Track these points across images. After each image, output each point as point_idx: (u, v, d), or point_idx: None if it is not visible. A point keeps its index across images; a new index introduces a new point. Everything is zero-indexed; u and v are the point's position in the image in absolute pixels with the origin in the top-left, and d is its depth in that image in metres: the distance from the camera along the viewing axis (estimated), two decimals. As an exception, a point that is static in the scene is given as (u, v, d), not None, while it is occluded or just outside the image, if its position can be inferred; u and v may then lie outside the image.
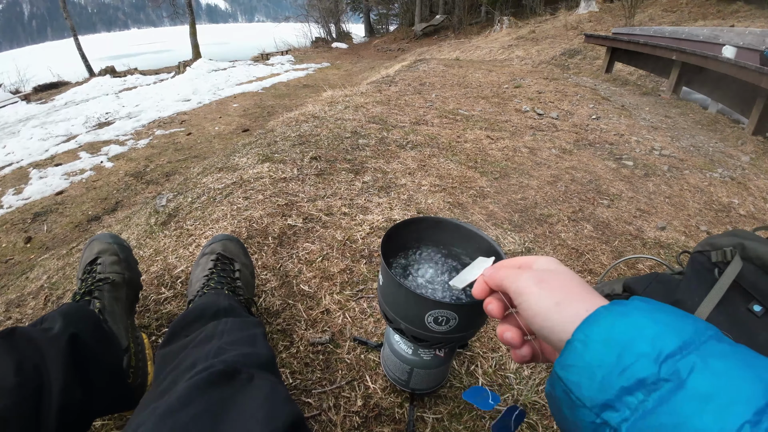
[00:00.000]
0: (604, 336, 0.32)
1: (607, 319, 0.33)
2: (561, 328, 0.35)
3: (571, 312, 0.35)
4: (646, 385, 0.29)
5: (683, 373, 0.28)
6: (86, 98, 9.26)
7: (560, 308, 0.36)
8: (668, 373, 0.28)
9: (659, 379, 0.28)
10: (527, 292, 0.39)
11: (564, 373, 0.33)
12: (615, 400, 0.30)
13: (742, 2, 9.32)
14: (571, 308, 0.36)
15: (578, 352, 0.33)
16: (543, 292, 0.38)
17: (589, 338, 0.32)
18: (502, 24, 14.45)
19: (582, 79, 5.49)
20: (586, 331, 0.33)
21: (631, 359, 0.30)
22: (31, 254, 2.78)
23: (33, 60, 19.84)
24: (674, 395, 0.27)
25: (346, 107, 3.16)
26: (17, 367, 0.60)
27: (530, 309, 0.38)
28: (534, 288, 0.38)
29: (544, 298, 0.37)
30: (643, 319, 0.31)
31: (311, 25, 26.08)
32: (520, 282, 0.40)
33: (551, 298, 0.37)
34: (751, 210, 2.25)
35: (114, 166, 4.44)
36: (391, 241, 0.73)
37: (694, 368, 0.28)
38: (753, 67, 3.61)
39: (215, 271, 0.97)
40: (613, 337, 0.31)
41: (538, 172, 2.29)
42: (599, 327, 0.32)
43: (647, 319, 0.31)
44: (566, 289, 0.38)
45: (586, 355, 0.32)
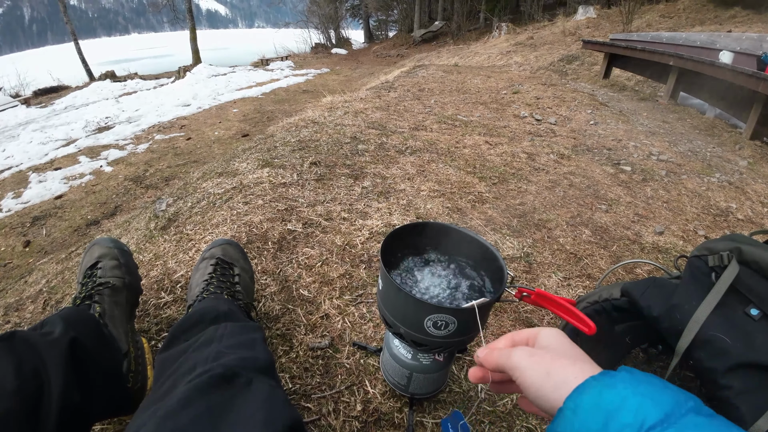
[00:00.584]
0: (592, 405, 0.34)
1: (595, 389, 0.35)
2: (552, 395, 0.38)
3: (560, 380, 0.38)
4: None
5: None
6: (86, 102, 9.28)
7: (550, 377, 0.39)
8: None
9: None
10: (520, 366, 0.41)
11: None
12: None
13: (740, 7, 9.40)
14: (559, 376, 0.38)
15: (568, 420, 0.35)
16: (534, 365, 0.40)
17: (578, 407, 0.34)
18: (501, 30, 14.53)
19: (580, 85, 5.52)
20: (576, 400, 0.35)
21: (616, 429, 0.32)
22: (29, 258, 2.78)
23: (33, 64, 19.91)
24: None
25: (345, 113, 3.17)
26: (17, 371, 0.60)
27: (524, 382, 0.40)
28: (526, 361, 0.41)
29: (535, 370, 0.40)
30: (627, 390, 0.34)
31: (311, 31, 26.22)
32: (513, 359, 0.42)
33: (542, 368, 0.40)
34: (749, 214, 2.26)
35: (113, 170, 4.44)
36: (390, 246, 0.73)
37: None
38: (750, 71, 3.63)
39: (215, 276, 0.98)
40: (599, 407, 0.33)
41: (536, 178, 2.30)
42: (588, 396, 0.35)
43: (631, 390, 0.34)
44: (556, 359, 0.40)
45: (576, 423, 0.34)
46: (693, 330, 0.77)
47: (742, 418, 0.67)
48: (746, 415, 0.67)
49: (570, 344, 0.43)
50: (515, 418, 0.92)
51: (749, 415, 0.66)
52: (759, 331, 0.72)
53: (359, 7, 28.65)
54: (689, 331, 0.77)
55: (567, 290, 1.41)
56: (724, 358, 0.72)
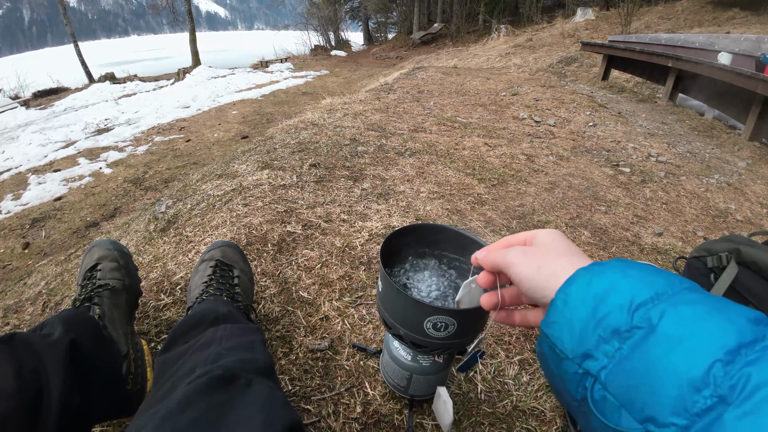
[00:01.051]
0: (582, 293, 0.34)
1: (584, 278, 0.35)
2: (542, 287, 0.39)
3: (549, 272, 0.39)
4: (620, 333, 0.31)
5: (654, 319, 0.29)
6: (85, 104, 9.28)
7: (541, 270, 0.39)
8: (640, 320, 0.30)
9: (632, 326, 0.30)
10: (514, 263, 0.42)
11: (548, 330, 0.36)
12: (593, 350, 0.32)
13: (738, 9, 9.43)
14: (548, 269, 0.39)
15: (559, 310, 0.35)
16: (527, 261, 0.41)
17: (568, 296, 0.35)
18: (500, 32, 14.56)
19: (579, 87, 5.53)
20: (566, 290, 0.35)
21: (606, 310, 0.32)
22: (29, 260, 2.77)
23: (32, 66, 19.91)
24: (646, 341, 0.29)
25: (345, 115, 3.18)
26: (17, 373, 0.60)
27: (518, 276, 0.41)
28: (520, 259, 0.42)
29: (528, 265, 0.41)
30: (616, 275, 0.34)
31: (310, 33, 26.25)
32: (508, 257, 0.43)
33: (534, 263, 0.41)
34: (747, 215, 2.27)
35: (113, 172, 4.44)
36: (390, 247, 0.73)
37: (664, 314, 0.29)
38: (749, 73, 3.64)
39: (214, 278, 0.98)
40: (589, 293, 0.34)
41: (535, 179, 2.31)
42: (577, 285, 0.35)
43: (620, 274, 0.34)
44: (548, 254, 0.41)
45: (566, 311, 0.34)
46: (692, 331, 0.77)
47: None
48: None
49: (565, 241, 0.44)
50: (515, 420, 0.92)
51: None
52: (758, 332, 0.72)
53: (358, 9, 28.72)
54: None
55: (566, 291, 1.40)
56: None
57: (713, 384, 0.25)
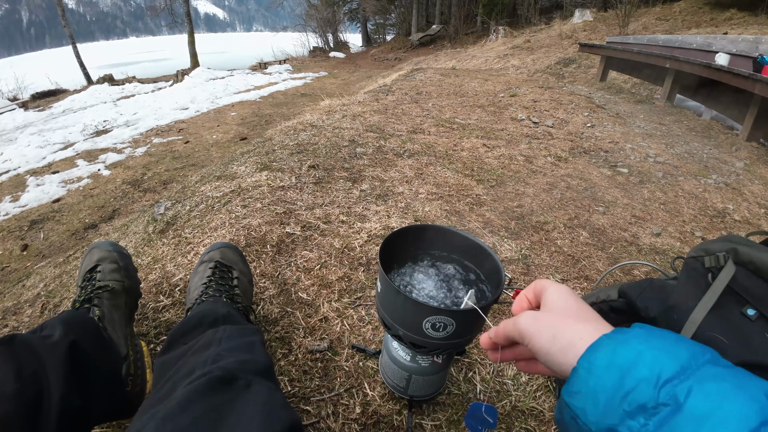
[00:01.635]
0: (606, 362, 0.33)
1: (609, 347, 0.34)
2: (559, 358, 0.38)
3: (566, 342, 0.38)
4: (647, 410, 0.30)
5: (681, 397, 0.29)
6: (84, 106, 9.27)
7: (556, 340, 0.39)
8: (667, 397, 0.29)
9: (659, 403, 0.30)
10: (527, 334, 0.41)
11: (570, 399, 0.35)
12: (619, 424, 0.31)
13: (736, 9, 9.46)
14: (565, 339, 0.38)
15: (583, 379, 0.34)
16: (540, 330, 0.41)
17: (592, 365, 0.34)
18: (498, 33, 14.59)
19: (577, 88, 5.55)
20: (590, 358, 0.35)
21: (632, 384, 0.31)
22: (27, 262, 2.77)
23: (31, 67, 19.88)
24: (673, 418, 0.28)
25: (343, 116, 3.18)
26: (17, 374, 0.60)
27: (534, 347, 0.41)
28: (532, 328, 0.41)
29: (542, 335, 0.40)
30: (641, 345, 0.33)
31: (309, 34, 26.28)
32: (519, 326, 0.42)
33: (548, 333, 0.40)
34: (746, 215, 2.27)
35: (111, 174, 4.44)
36: (389, 248, 0.74)
37: (691, 392, 0.29)
38: (746, 73, 3.65)
39: (213, 279, 0.98)
40: (614, 363, 0.33)
41: (533, 180, 2.31)
42: (602, 354, 0.34)
43: (646, 345, 0.33)
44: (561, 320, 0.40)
45: (590, 381, 0.34)
46: (690, 330, 0.77)
47: None
48: None
49: (575, 301, 0.43)
50: (513, 420, 0.92)
51: None
52: (755, 332, 0.73)
53: (357, 10, 28.78)
54: (686, 331, 0.77)
55: (565, 292, 1.41)
56: (721, 359, 0.73)
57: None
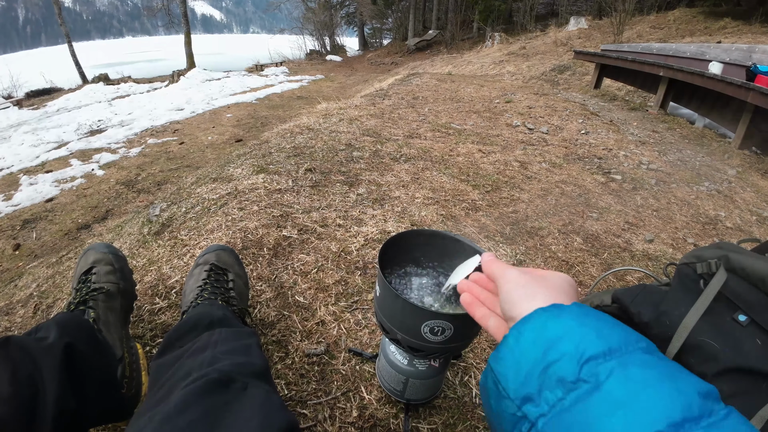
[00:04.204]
0: (535, 334, 0.33)
1: (540, 318, 0.34)
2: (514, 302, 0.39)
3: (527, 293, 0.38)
4: (566, 383, 0.30)
5: (601, 376, 0.29)
6: (79, 105, 9.22)
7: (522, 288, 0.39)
8: (587, 374, 0.29)
9: (578, 379, 0.29)
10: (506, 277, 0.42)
11: (495, 364, 0.35)
12: (536, 395, 0.31)
13: (729, 18, 9.60)
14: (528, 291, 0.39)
15: (510, 346, 0.34)
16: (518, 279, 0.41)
17: (521, 334, 0.34)
18: (494, 40, 14.69)
19: (571, 95, 5.60)
20: (520, 328, 0.35)
21: (555, 357, 0.31)
22: (19, 262, 2.74)
23: (26, 65, 19.74)
24: (590, 397, 0.28)
25: (340, 120, 3.19)
26: (12, 377, 0.60)
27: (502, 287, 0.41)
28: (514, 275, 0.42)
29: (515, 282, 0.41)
30: (572, 321, 0.33)
31: (306, 37, 26.30)
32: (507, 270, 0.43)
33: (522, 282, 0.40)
34: (737, 222, 2.30)
35: (105, 174, 4.41)
36: (387, 252, 0.74)
37: (612, 373, 0.28)
38: (739, 82, 3.71)
39: (209, 282, 0.97)
40: (542, 335, 0.33)
41: (528, 186, 2.33)
42: (531, 324, 0.34)
43: (576, 322, 0.33)
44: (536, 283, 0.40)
45: (516, 350, 0.34)
46: (682, 336, 0.78)
47: None
48: None
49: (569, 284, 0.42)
50: (509, 424, 0.93)
51: None
52: (747, 337, 0.74)
53: (354, 14, 28.87)
54: (678, 336, 0.78)
55: (559, 297, 1.42)
56: (713, 363, 0.74)
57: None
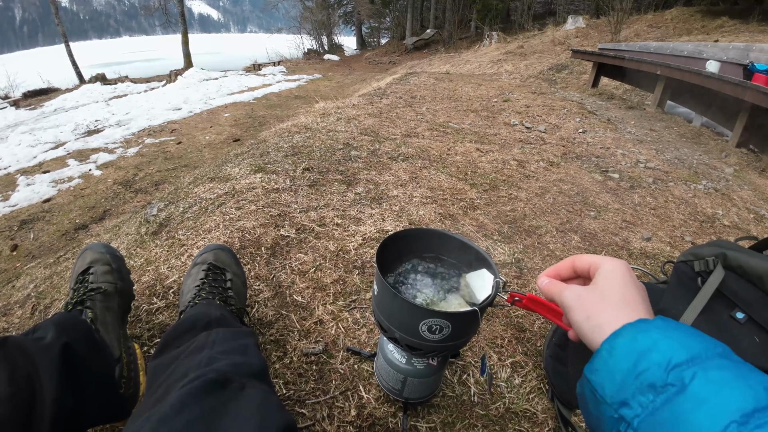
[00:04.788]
0: (626, 347, 0.38)
1: (630, 334, 0.39)
2: (587, 337, 0.44)
3: (595, 324, 0.44)
4: (656, 388, 0.35)
5: (686, 379, 0.33)
6: (76, 105, 9.18)
7: (589, 320, 0.45)
8: (674, 379, 0.34)
9: (667, 383, 0.34)
10: (568, 307, 0.48)
11: (591, 375, 0.40)
12: (630, 399, 0.36)
13: (727, 17, 9.63)
14: (595, 321, 0.44)
15: (603, 359, 0.40)
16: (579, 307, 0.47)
17: (613, 348, 0.39)
18: (492, 39, 14.70)
19: (569, 94, 5.60)
20: (612, 342, 0.40)
21: (645, 366, 0.36)
22: (17, 262, 2.73)
23: (23, 65, 19.66)
24: (677, 397, 0.33)
25: (338, 119, 3.19)
26: (10, 377, 0.60)
27: (571, 319, 0.47)
28: (573, 302, 0.47)
29: (578, 312, 0.46)
30: (659, 335, 0.38)
31: (303, 36, 26.28)
32: (563, 297, 0.49)
33: (583, 312, 0.46)
34: (735, 220, 2.31)
35: (102, 174, 4.40)
36: (385, 251, 0.74)
37: (695, 376, 0.33)
38: (736, 81, 3.72)
39: (206, 282, 0.97)
40: (632, 348, 0.38)
41: (526, 185, 2.33)
42: (623, 339, 0.39)
43: (663, 335, 0.38)
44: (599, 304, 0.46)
45: (610, 362, 0.39)
46: (680, 334, 0.78)
47: None
48: None
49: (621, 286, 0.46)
50: (507, 422, 0.93)
51: None
52: (745, 335, 0.74)
53: (352, 14, 28.85)
54: (676, 335, 0.79)
55: (558, 296, 1.42)
56: (711, 362, 0.74)
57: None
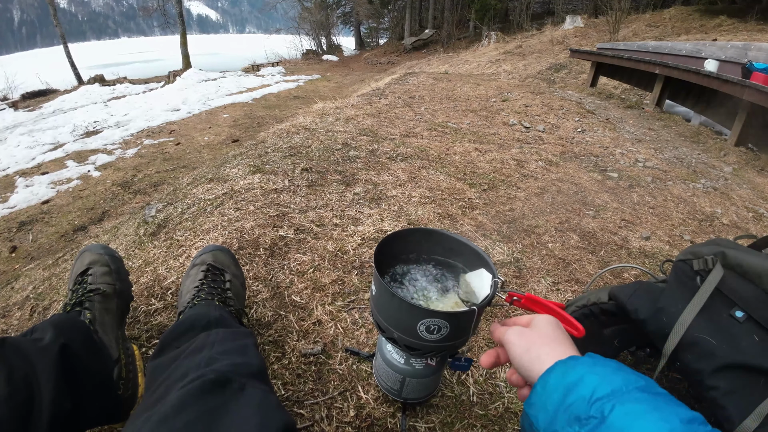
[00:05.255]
0: (556, 382, 0.43)
1: (560, 370, 0.44)
2: (526, 367, 0.49)
3: (534, 355, 0.49)
4: (581, 420, 0.39)
5: (605, 412, 0.37)
6: (74, 106, 9.17)
7: (528, 353, 0.49)
8: (596, 411, 0.38)
9: (589, 416, 0.38)
10: (509, 342, 0.53)
11: (529, 409, 0.45)
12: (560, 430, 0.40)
13: (725, 16, 9.64)
14: (534, 353, 0.49)
15: (538, 394, 0.44)
16: (519, 342, 0.51)
17: (546, 383, 0.44)
18: (490, 39, 14.70)
19: (567, 93, 5.61)
20: (545, 378, 0.44)
21: (572, 400, 0.40)
22: (15, 264, 2.73)
23: (21, 67, 19.61)
24: (598, 428, 0.37)
25: (336, 119, 3.18)
26: (8, 378, 0.59)
27: (510, 354, 0.52)
28: (513, 338, 0.52)
29: (519, 346, 0.51)
30: (585, 369, 0.42)
31: (302, 37, 26.30)
32: (506, 336, 0.54)
33: (523, 346, 0.51)
34: (734, 219, 2.31)
35: (101, 175, 4.40)
36: (384, 251, 0.74)
37: (613, 409, 0.37)
38: (735, 79, 3.72)
39: (205, 282, 0.97)
40: (561, 383, 0.42)
41: (525, 184, 2.33)
42: (553, 375, 0.44)
43: (589, 370, 0.42)
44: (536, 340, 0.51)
45: (543, 395, 0.43)
46: (679, 332, 0.78)
47: (729, 418, 0.68)
48: (733, 415, 0.68)
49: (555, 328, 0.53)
50: (507, 421, 0.93)
51: (736, 414, 0.68)
52: (744, 333, 0.74)
53: (350, 14, 28.87)
54: (675, 333, 0.79)
55: (556, 295, 1.42)
56: (710, 360, 0.74)
57: None
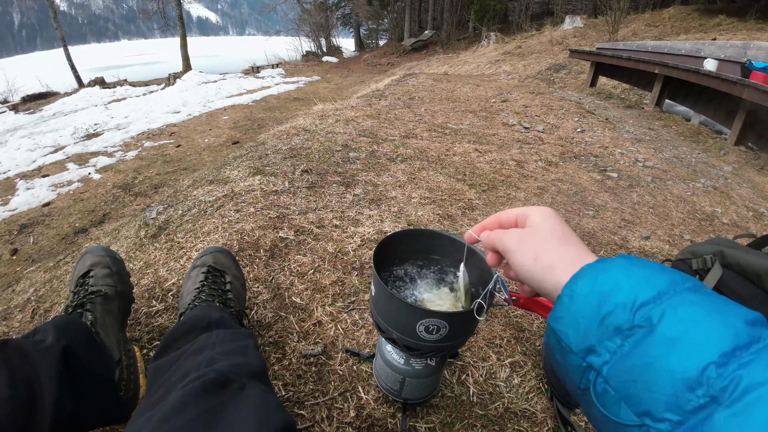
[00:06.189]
0: (587, 290, 0.35)
1: (590, 275, 0.36)
2: (538, 278, 0.41)
3: (545, 264, 0.41)
4: (623, 332, 0.32)
5: (654, 319, 0.31)
6: (75, 109, 9.19)
7: (537, 261, 0.42)
8: (641, 320, 0.31)
9: (633, 325, 0.32)
10: (512, 250, 0.44)
11: (555, 324, 0.38)
12: (597, 345, 0.33)
13: (724, 15, 9.64)
14: (545, 260, 0.41)
15: (565, 306, 0.37)
16: (523, 248, 0.43)
17: (574, 293, 0.36)
18: (489, 39, 14.71)
19: (567, 93, 5.61)
20: (573, 286, 0.37)
21: (609, 308, 0.33)
22: (17, 266, 2.74)
23: (22, 70, 19.67)
24: (646, 339, 0.30)
25: (336, 121, 3.19)
26: (10, 380, 0.60)
27: (515, 264, 0.44)
28: (516, 245, 0.44)
29: (524, 254, 0.43)
30: (620, 273, 0.35)
31: (302, 39, 26.35)
32: (505, 242, 0.45)
33: (530, 252, 0.43)
34: (734, 218, 2.31)
35: (102, 177, 4.41)
36: (383, 252, 0.74)
37: (664, 315, 0.30)
38: (734, 79, 3.72)
39: (206, 284, 0.98)
40: (594, 291, 0.35)
41: (525, 184, 2.33)
42: (582, 283, 0.36)
43: (624, 273, 0.35)
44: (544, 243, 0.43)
45: (572, 308, 0.36)
46: (678, 332, 0.78)
47: None
48: None
49: (559, 224, 0.44)
50: (507, 421, 0.93)
51: None
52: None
53: (350, 15, 28.90)
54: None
55: (556, 295, 1.42)
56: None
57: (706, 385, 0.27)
